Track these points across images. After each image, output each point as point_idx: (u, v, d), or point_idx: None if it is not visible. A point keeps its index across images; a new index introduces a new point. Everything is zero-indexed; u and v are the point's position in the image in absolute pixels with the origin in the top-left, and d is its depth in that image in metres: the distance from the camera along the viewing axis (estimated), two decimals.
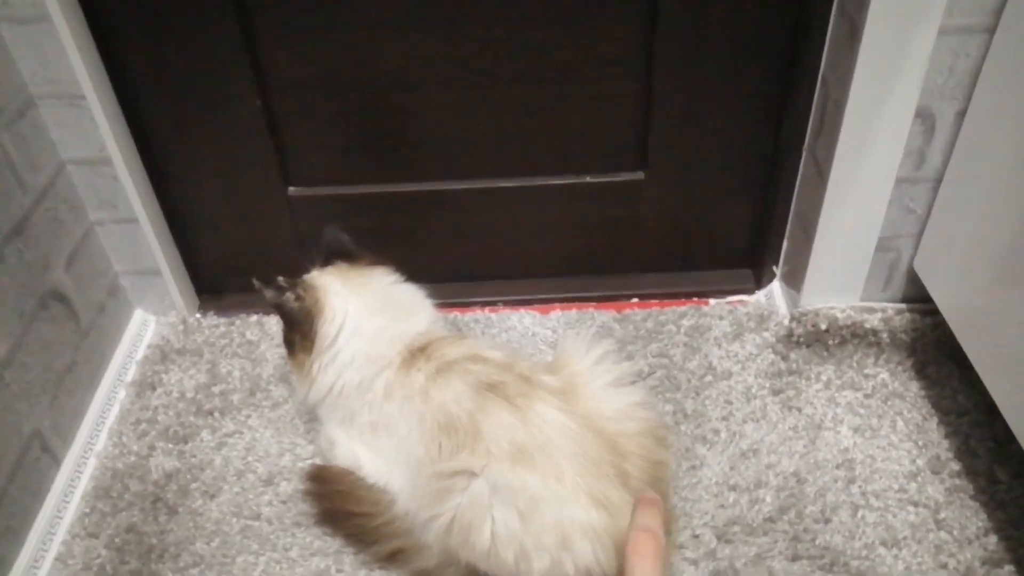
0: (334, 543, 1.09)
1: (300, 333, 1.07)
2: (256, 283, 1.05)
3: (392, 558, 1.04)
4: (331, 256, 1.13)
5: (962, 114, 1.09)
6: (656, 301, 1.43)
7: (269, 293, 1.05)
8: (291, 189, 1.35)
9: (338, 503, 1.09)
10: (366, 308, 1.07)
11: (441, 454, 0.96)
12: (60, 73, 1.12)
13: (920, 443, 1.18)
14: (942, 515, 1.09)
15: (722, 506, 1.11)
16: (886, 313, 1.27)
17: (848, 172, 1.15)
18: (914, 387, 1.25)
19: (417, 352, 1.05)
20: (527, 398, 0.97)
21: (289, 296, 1.06)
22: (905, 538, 1.07)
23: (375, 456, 1.08)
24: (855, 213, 1.19)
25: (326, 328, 1.05)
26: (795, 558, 1.06)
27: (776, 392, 1.25)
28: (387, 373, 1.05)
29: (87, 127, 1.18)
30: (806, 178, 1.27)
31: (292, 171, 1.33)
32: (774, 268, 1.40)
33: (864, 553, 1.06)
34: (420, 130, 1.28)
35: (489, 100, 1.25)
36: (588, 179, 1.34)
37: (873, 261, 1.24)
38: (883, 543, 1.07)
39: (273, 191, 1.34)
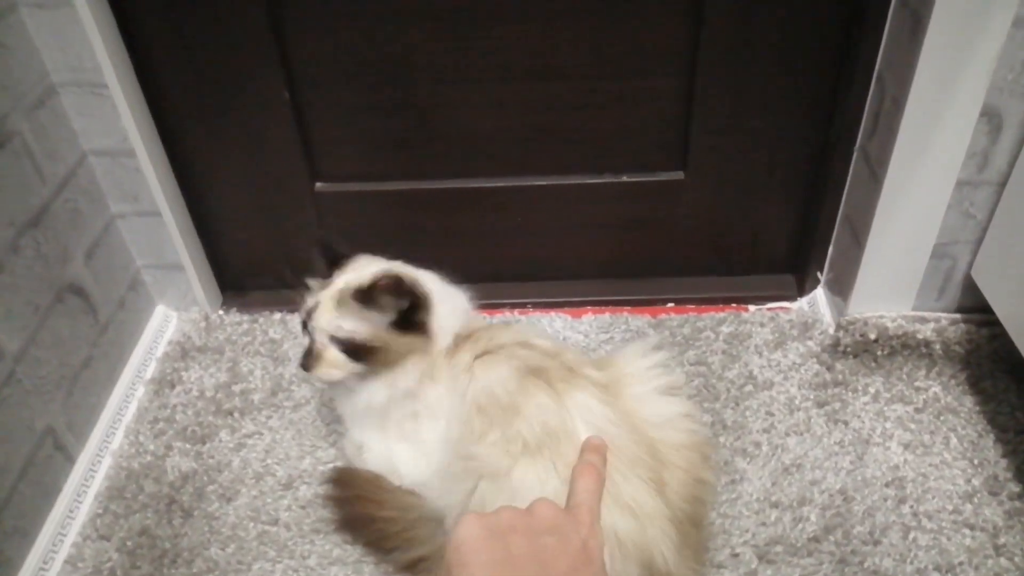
0: (354, 552, 1.04)
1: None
2: (383, 281, 0.97)
3: (414, 567, 0.99)
4: (332, 263, 1.06)
5: None
6: (693, 306, 1.37)
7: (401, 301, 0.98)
8: (318, 185, 1.30)
9: (360, 507, 1.05)
10: (447, 305, 1.04)
11: (472, 434, 0.92)
12: (82, 60, 1.08)
13: (976, 461, 1.11)
14: (1001, 540, 1.02)
15: (763, 524, 1.05)
16: (939, 323, 1.20)
17: (905, 174, 1.09)
18: (968, 402, 1.18)
19: (462, 338, 1.02)
20: (568, 384, 0.93)
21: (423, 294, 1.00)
22: (961, 563, 1.00)
23: (415, 449, 1.03)
24: (910, 217, 1.13)
25: (432, 323, 1.01)
26: None
27: (821, 404, 1.19)
28: (439, 361, 1.01)
29: (109, 117, 1.14)
30: (857, 180, 1.20)
31: (319, 166, 1.29)
32: (818, 274, 1.34)
33: None
34: (452, 126, 1.24)
35: (523, 95, 1.20)
36: (625, 178, 1.29)
37: (927, 268, 1.17)
38: (936, 568, 1.00)
39: (299, 186, 1.30)
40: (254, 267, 1.40)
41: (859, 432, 1.15)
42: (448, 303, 1.03)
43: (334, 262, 1.05)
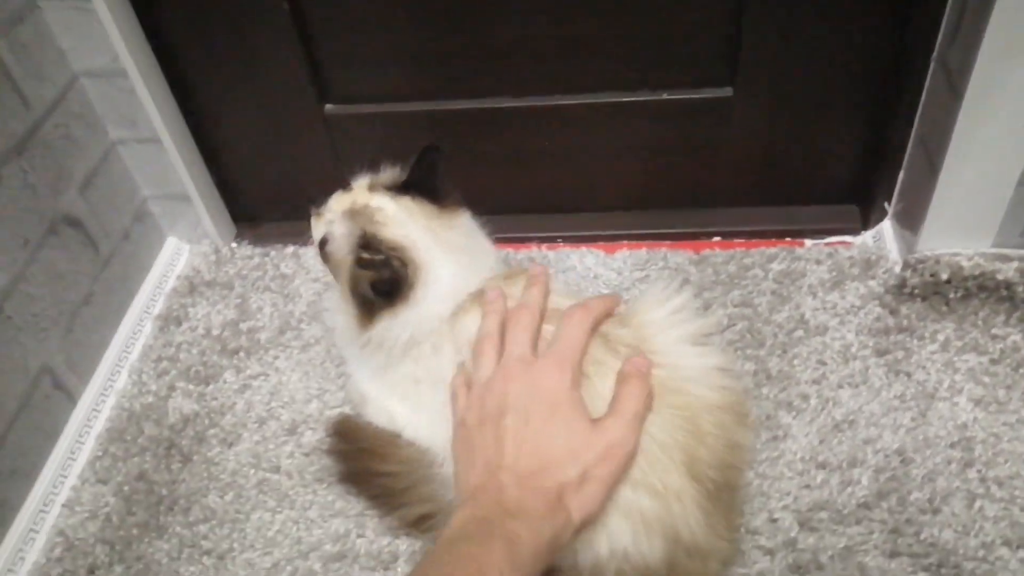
0: (357, 505, 0.97)
1: (387, 298, 0.89)
2: (364, 256, 0.88)
3: (419, 524, 0.92)
4: (412, 182, 0.94)
5: None
6: (741, 241, 1.23)
7: (381, 273, 0.88)
8: (328, 107, 1.20)
9: (364, 461, 0.97)
10: (452, 269, 0.90)
11: None
12: None
13: None
14: None
15: (807, 486, 0.94)
16: None
17: (990, 87, 0.93)
18: None
19: (473, 298, 0.90)
20: (601, 366, 0.81)
21: (400, 269, 0.88)
22: None
23: (415, 411, 0.94)
24: (995, 138, 0.96)
25: (417, 293, 0.89)
26: (893, 554, 0.88)
27: (881, 353, 1.05)
28: (441, 326, 0.90)
29: (97, 34, 1.06)
30: (934, 95, 1.04)
31: (328, 87, 1.18)
32: (886, 205, 1.18)
33: (981, 554, 0.87)
34: (472, 39, 1.11)
35: (552, 1, 1.06)
36: (666, 96, 1.14)
37: (1013, 198, 1.01)
38: (1006, 543, 0.88)
39: (307, 109, 1.20)
40: (267, 197, 1.32)
41: (923, 385, 1.02)
42: (456, 263, 0.91)
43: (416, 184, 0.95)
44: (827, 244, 1.20)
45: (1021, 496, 0.91)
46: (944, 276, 1.06)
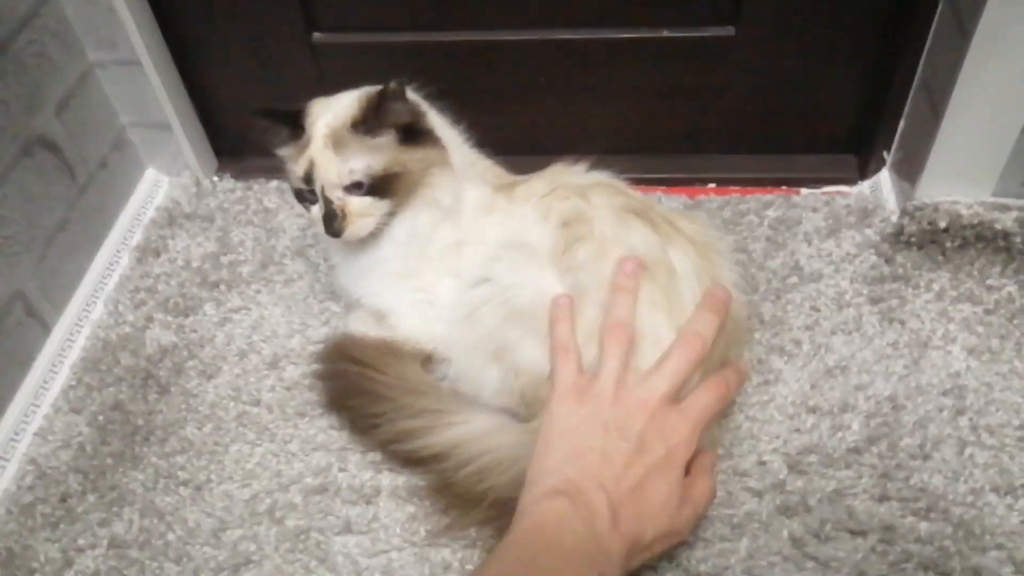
0: (339, 439, 0.95)
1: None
2: (392, 86, 0.88)
3: (402, 440, 0.88)
4: (287, 122, 0.94)
5: None
6: (737, 187, 1.21)
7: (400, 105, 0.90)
8: (316, 35, 1.16)
9: (355, 379, 0.93)
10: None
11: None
12: None
13: None
14: None
15: (797, 430, 0.93)
16: (1023, 212, 1.03)
17: (999, 30, 0.90)
18: None
19: (516, 183, 0.98)
20: (671, 230, 0.90)
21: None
22: (1023, 485, 0.87)
23: (456, 276, 0.94)
24: (1002, 82, 0.94)
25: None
26: (882, 498, 0.87)
27: (875, 300, 1.04)
28: (483, 189, 0.96)
29: None
30: (940, 37, 1.01)
31: (317, 13, 1.14)
32: (884, 154, 1.16)
33: (970, 499, 0.87)
34: None
35: None
36: (666, 33, 1.11)
37: (1016, 145, 0.99)
38: (995, 489, 0.87)
39: (296, 36, 1.15)
40: (251, 129, 1.27)
41: (917, 333, 1.00)
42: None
43: (288, 120, 0.92)
44: (824, 193, 1.18)
45: (1011, 444, 0.91)
46: (942, 224, 1.04)
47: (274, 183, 1.24)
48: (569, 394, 0.77)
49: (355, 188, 0.88)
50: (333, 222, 0.89)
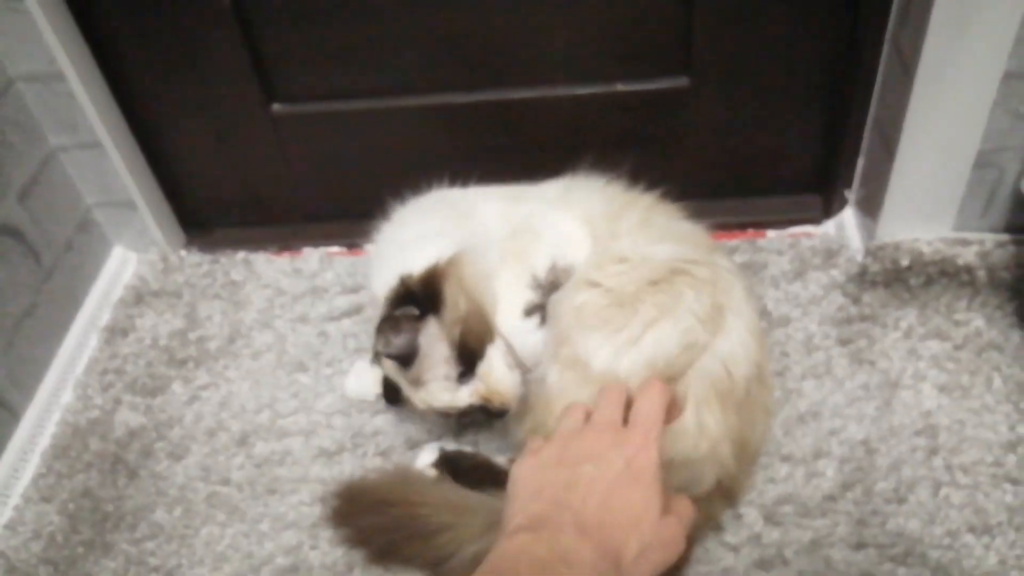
0: (311, 515, 0.94)
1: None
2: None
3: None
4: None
5: None
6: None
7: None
8: (275, 106, 1.17)
9: (389, 512, 0.87)
10: None
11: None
12: None
13: (1022, 405, 0.96)
14: None
15: (771, 480, 0.92)
16: (984, 246, 1.03)
17: (941, 67, 0.91)
18: (1015, 337, 1.02)
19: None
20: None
21: None
22: (1000, 524, 0.87)
23: None
24: (949, 119, 0.95)
25: None
26: (859, 546, 0.86)
27: (844, 342, 1.04)
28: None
29: (32, 36, 1.02)
30: (888, 78, 1.02)
31: (275, 85, 1.15)
32: (846, 193, 1.17)
33: (947, 541, 0.86)
34: (418, 30, 1.08)
35: None
36: (620, 87, 1.13)
37: (970, 181, 1.00)
38: (971, 529, 0.87)
39: (254, 109, 1.16)
40: (217, 202, 1.28)
41: (887, 373, 1.00)
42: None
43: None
44: (789, 234, 1.19)
45: (985, 481, 0.90)
46: (905, 262, 1.05)
47: (240, 254, 1.24)
48: (527, 455, 0.77)
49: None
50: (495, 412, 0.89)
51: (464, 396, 0.88)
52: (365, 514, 0.90)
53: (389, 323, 0.86)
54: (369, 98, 1.16)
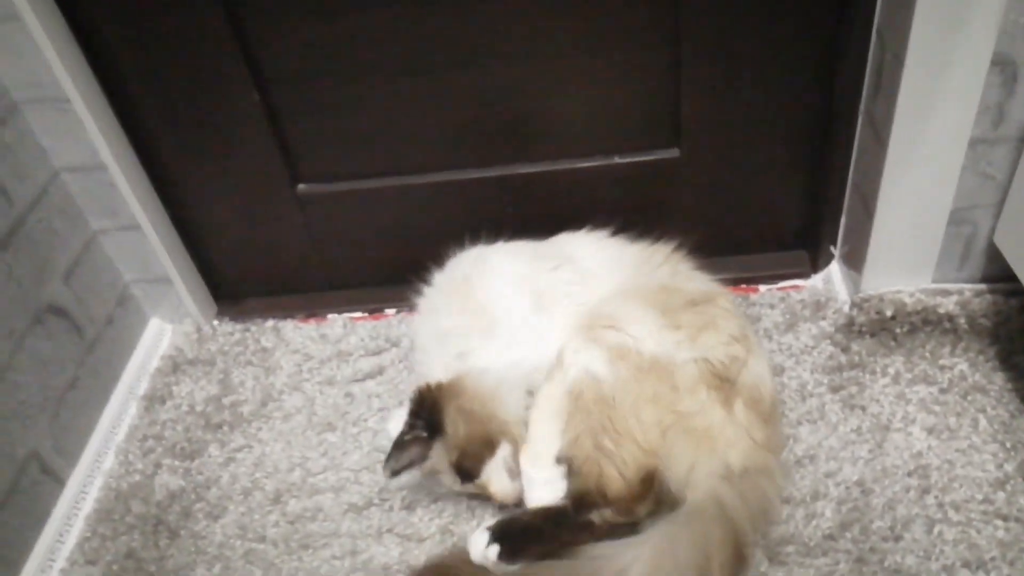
0: (342, 567, 1.00)
1: None
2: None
3: None
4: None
5: None
6: None
7: None
8: (300, 187, 1.26)
9: None
10: None
11: None
12: (39, 76, 1.06)
13: (1008, 445, 1.02)
14: None
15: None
16: (963, 295, 1.11)
17: (911, 135, 1.00)
18: (998, 379, 1.08)
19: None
20: None
21: None
22: (993, 558, 0.92)
23: None
24: (922, 182, 1.04)
25: None
26: None
27: (836, 389, 1.10)
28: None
29: (77, 132, 1.12)
30: (864, 145, 1.11)
31: (300, 168, 1.25)
32: (832, 248, 1.25)
33: None
34: (432, 117, 1.18)
35: (507, 78, 1.14)
36: (617, 160, 1.22)
37: (945, 236, 1.08)
38: (965, 564, 0.92)
39: (281, 190, 1.26)
40: (247, 275, 1.37)
41: (878, 417, 1.07)
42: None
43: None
44: (780, 288, 1.26)
45: (977, 518, 0.96)
46: (889, 313, 1.12)
47: (270, 322, 1.32)
48: None
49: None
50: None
51: (470, 488, 1.00)
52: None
53: (398, 447, 0.98)
54: (387, 177, 1.25)
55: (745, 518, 0.88)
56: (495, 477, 0.98)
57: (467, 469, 0.98)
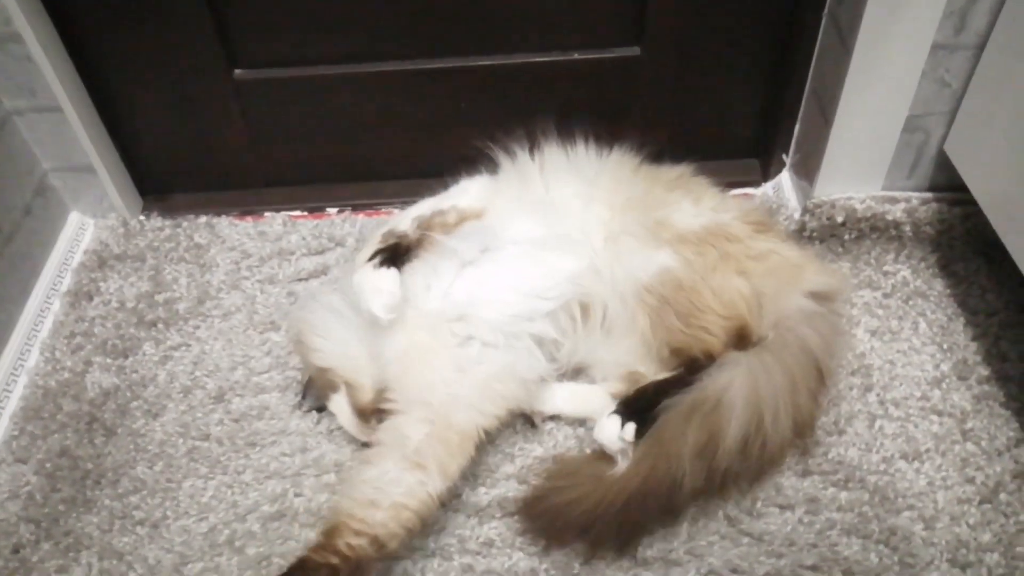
0: (292, 464, 0.98)
1: None
2: None
3: None
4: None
5: None
6: None
7: None
8: (237, 72, 1.18)
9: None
10: None
11: None
12: None
13: (945, 346, 1.06)
14: (969, 425, 0.99)
15: None
16: (910, 203, 1.14)
17: (877, 39, 1.00)
18: (938, 285, 1.13)
19: None
20: None
21: None
22: (928, 450, 0.97)
23: None
24: (882, 87, 1.04)
25: None
26: (805, 474, 0.95)
27: None
28: None
29: None
30: (825, 50, 1.10)
31: (238, 51, 1.16)
32: (783, 157, 1.25)
33: (882, 467, 0.96)
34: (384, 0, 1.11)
35: None
36: (576, 56, 1.18)
37: (899, 143, 1.10)
38: (903, 456, 0.97)
39: (217, 75, 1.17)
40: (176, 168, 1.28)
41: None
42: None
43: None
44: (732, 196, 1.26)
45: (915, 414, 1.00)
46: (840, 219, 1.14)
47: (203, 219, 1.25)
48: None
49: None
50: None
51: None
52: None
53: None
54: (333, 64, 1.18)
55: (822, 347, 0.95)
56: (339, 412, 0.98)
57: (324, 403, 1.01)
